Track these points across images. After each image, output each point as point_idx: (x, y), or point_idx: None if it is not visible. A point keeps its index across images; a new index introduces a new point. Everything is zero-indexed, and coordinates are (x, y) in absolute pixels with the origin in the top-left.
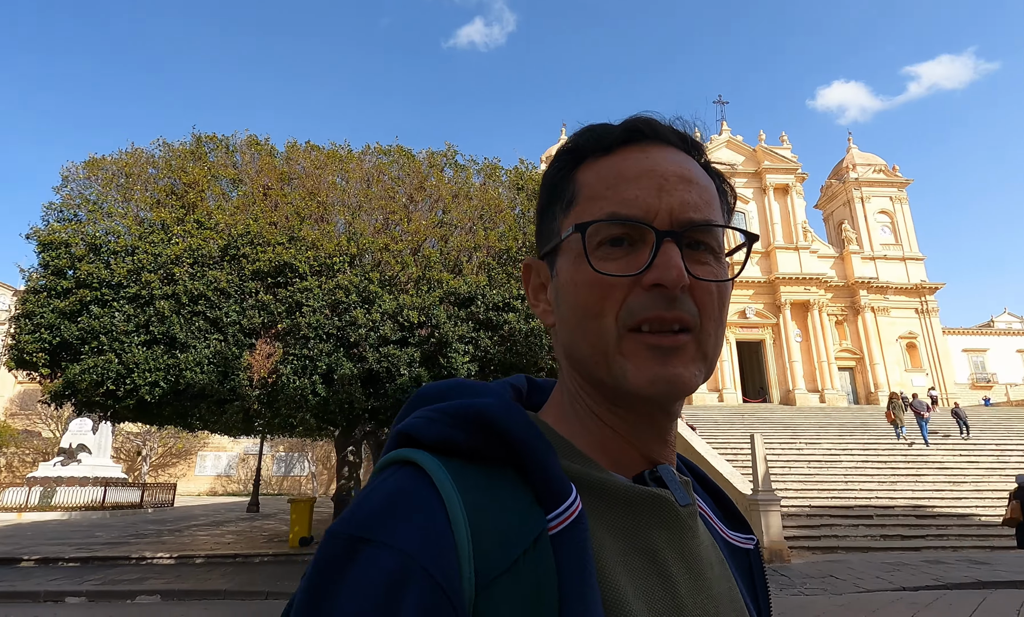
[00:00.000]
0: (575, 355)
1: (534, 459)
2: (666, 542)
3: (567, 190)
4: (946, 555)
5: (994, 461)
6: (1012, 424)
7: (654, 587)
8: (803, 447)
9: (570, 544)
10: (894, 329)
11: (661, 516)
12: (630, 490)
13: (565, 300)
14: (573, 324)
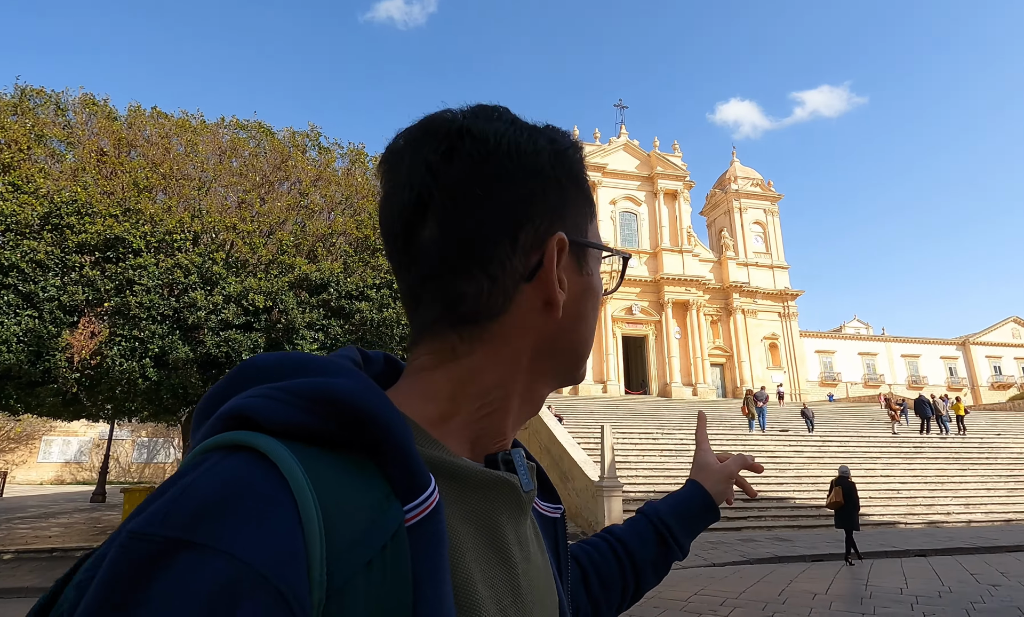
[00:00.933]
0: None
1: (398, 447)
2: (509, 525)
3: (591, 197)
4: (761, 534)
5: (816, 451)
6: (842, 419)
7: (497, 571)
8: (659, 437)
9: (427, 536)
10: (760, 330)
11: (508, 501)
12: (484, 475)
13: (588, 303)
14: (580, 324)
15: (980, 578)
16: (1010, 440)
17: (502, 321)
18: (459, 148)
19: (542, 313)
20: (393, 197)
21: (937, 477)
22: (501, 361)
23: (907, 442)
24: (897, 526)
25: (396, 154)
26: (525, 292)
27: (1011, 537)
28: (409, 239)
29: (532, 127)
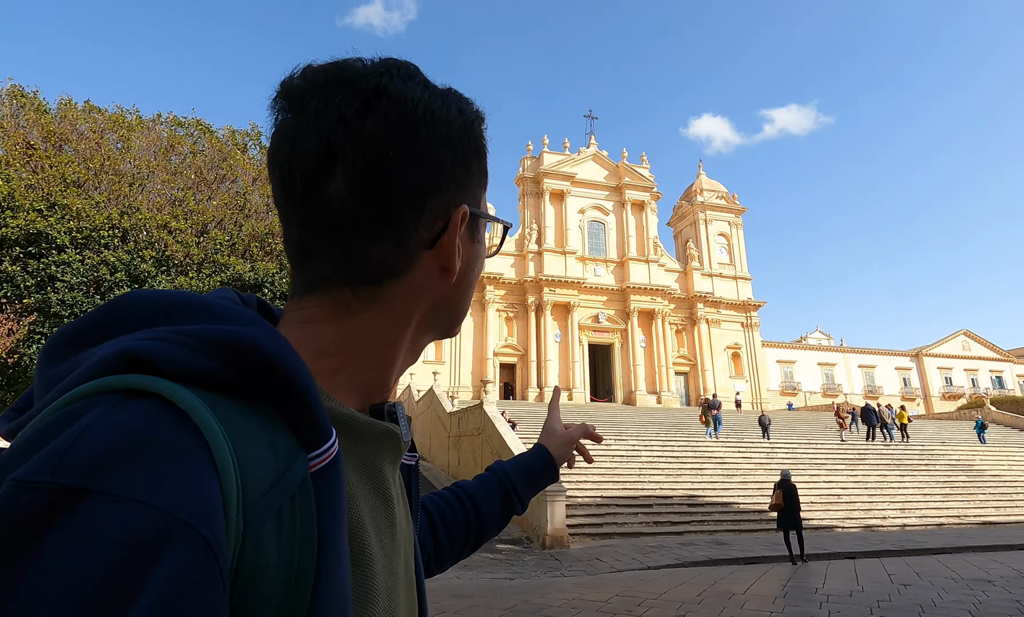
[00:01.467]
0: (454, 309)
1: (304, 398)
2: (390, 472)
3: (485, 169)
4: (701, 538)
5: (764, 458)
6: (796, 427)
7: (380, 513)
8: (611, 443)
9: (328, 484)
10: (723, 340)
11: (390, 449)
12: (372, 426)
13: (475, 267)
14: (468, 287)
15: (895, 578)
16: (951, 448)
17: (400, 283)
18: (376, 106)
19: (438, 277)
20: (294, 141)
21: (877, 483)
22: (395, 320)
23: (852, 449)
24: (835, 530)
25: (299, 94)
26: (425, 257)
27: (938, 540)
28: (310, 190)
29: (443, 92)
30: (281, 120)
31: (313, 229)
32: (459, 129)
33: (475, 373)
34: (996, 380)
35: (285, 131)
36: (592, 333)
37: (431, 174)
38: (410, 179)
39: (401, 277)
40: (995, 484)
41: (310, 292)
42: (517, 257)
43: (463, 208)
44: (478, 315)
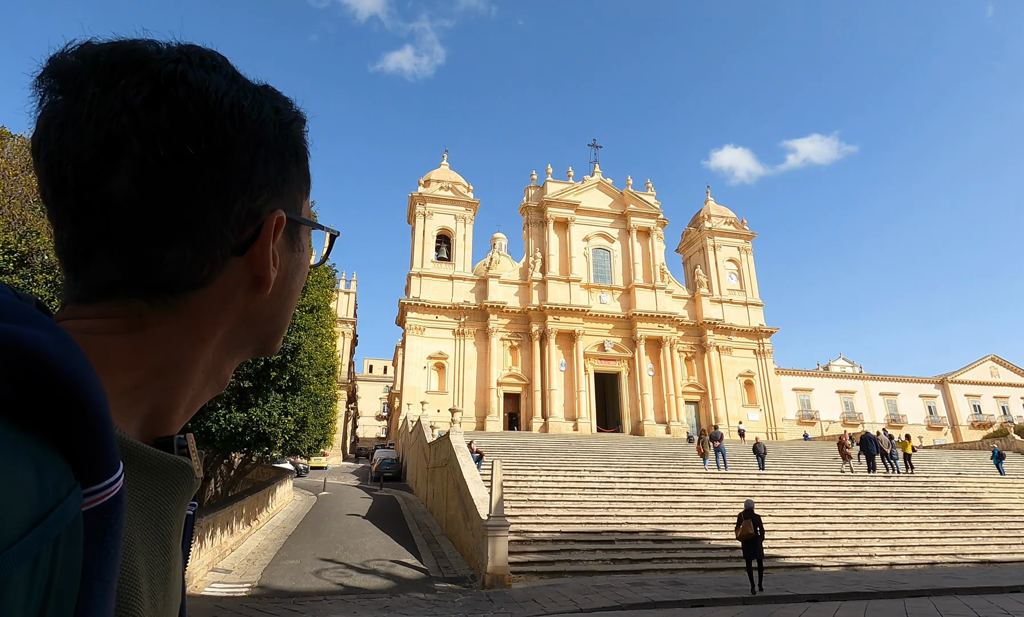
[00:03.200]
0: (270, 323)
1: (95, 423)
2: (175, 512)
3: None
4: (658, 577)
5: (748, 490)
6: (799, 457)
7: (158, 562)
8: (584, 475)
9: (104, 525)
10: (735, 367)
11: (180, 487)
12: (163, 460)
13: (295, 278)
14: (288, 300)
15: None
16: (958, 479)
17: (203, 293)
18: (170, 95)
19: (250, 288)
20: (67, 126)
21: (869, 517)
22: (195, 336)
23: (848, 481)
24: (812, 569)
25: (73, 73)
26: (233, 265)
27: (920, 581)
28: (88, 185)
29: (255, 88)
30: (50, 103)
31: (91, 229)
32: (273, 128)
33: (478, 403)
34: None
35: (54, 116)
36: (598, 361)
37: (237, 173)
38: (212, 178)
39: (204, 286)
40: (1002, 519)
41: (92, 299)
42: (521, 286)
43: (278, 213)
44: (481, 344)
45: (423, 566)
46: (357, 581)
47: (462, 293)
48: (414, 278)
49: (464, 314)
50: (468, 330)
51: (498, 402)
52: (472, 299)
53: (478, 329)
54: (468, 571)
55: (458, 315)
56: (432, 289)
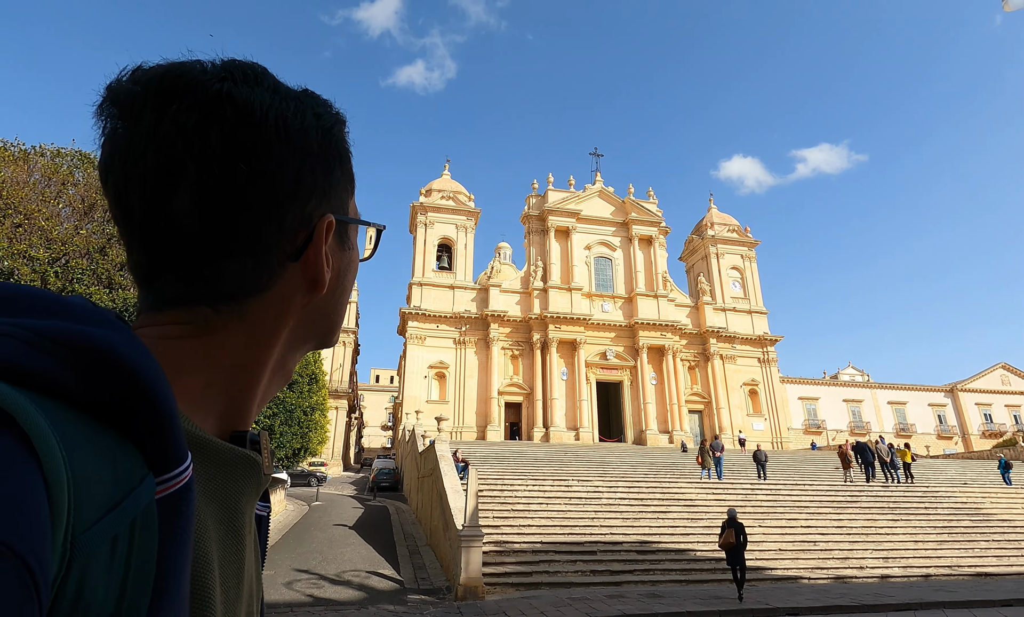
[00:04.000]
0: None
1: (162, 415)
2: (247, 506)
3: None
4: (637, 589)
5: (740, 500)
6: (800, 466)
7: (231, 552)
8: (573, 484)
9: (176, 512)
10: (739, 376)
11: (250, 481)
12: (233, 453)
13: (348, 274)
14: (342, 296)
15: None
16: (959, 489)
17: (264, 299)
18: (219, 115)
19: (307, 291)
20: (129, 155)
21: (864, 527)
22: (260, 338)
23: (845, 491)
24: (800, 581)
25: (131, 101)
26: (290, 271)
27: (909, 594)
28: (151, 211)
29: (296, 95)
30: (111, 129)
31: (159, 251)
32: (317, 135)
33: (479, 413)
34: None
35: (116, 144)
36: (600, 370)
37: (287, 184)
38: (265, 192)
39: (265, 292)
40: (1003, 530)
41: (164, 308)
42: (522, 295)
43: (328, 217)
44: (483, 353)
45: (400, 577)
46: (328, 592)
47: (463, 302)
48: (415, 287)
49: (465, 323)
50: (469, 339)
51: (499, 412)
52: (473, 308)
53: (479, 338)
54: (445, 582)
55: (459, 324)
56: (433, 298)
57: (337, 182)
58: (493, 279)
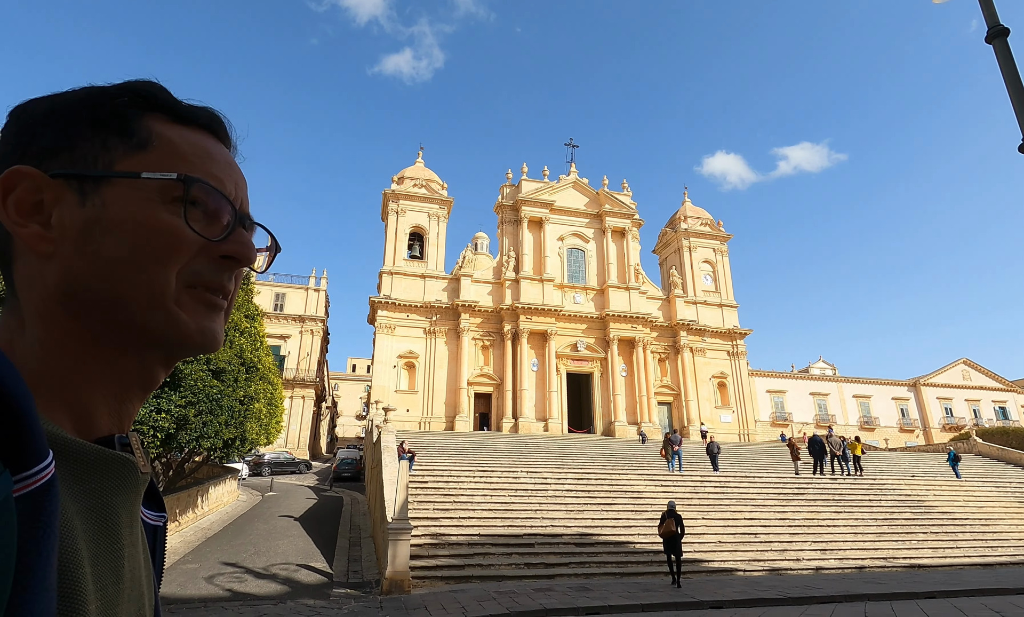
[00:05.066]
0: (111, 295)
1: (17, 410)
2: (122, 506)
3: (134, 130)
4: (569, 582)
5: (687, 492)
6: (758, 458)
7: (104, 550)
8: (521, 475)
9: (38, 507)
10: (708, 369)
11: (124, 481)
12: (99, 453)
13: (118, 238)
14: (126, 265)
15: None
16: (904, 481)
17: (16, 275)
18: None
19: (38, 259)
20: None
21: (806, 520)
22: (37, 322)
23: (793, 483)
24: (735, 573)
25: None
26: (15, 243)
27: (838, 586)
28: None
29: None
30: None
31: None
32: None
33: (448, 403)
34: (1000, 410)
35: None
36: (570, 362)
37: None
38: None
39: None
40: (942, 522)
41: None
42: (494, 285)
43: (15, 170)
44: (453, 343)
45: (330, 570)
46: (250, 587)
47: (434, 291)
48: (385, 276)
49: (436, 313)
50: (439, 329)
51: (468, 402)
52: (444, 298)
53: (450, 328)
54: (376, 575)
55: (430, 314)
56: (404, 287)
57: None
58: (465, 269)
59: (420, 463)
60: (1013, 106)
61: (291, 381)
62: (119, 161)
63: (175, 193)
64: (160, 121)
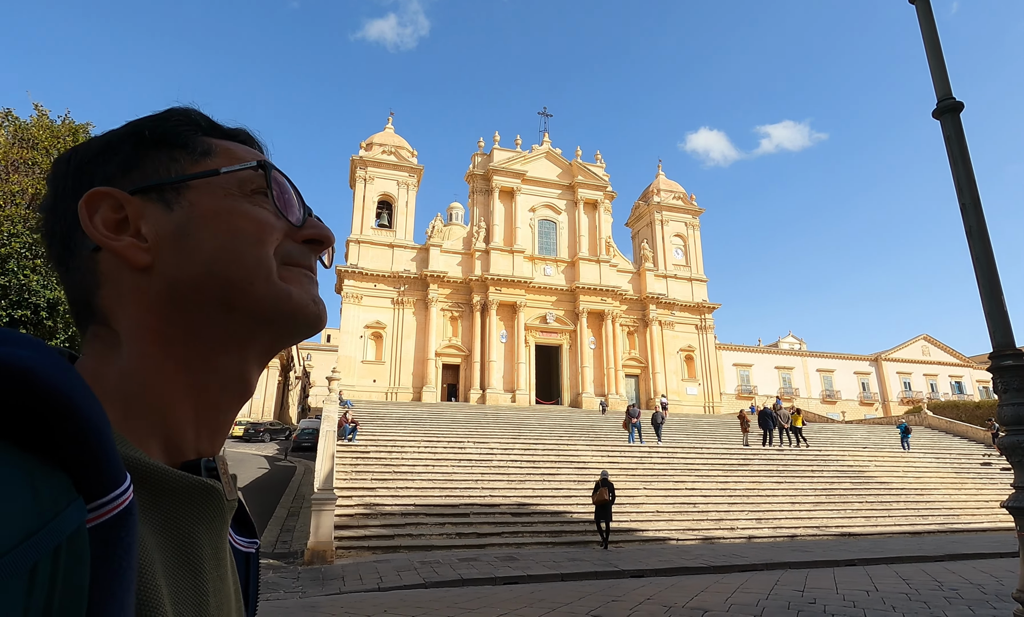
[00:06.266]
0: (219, 281)
1: (91, 433)
2: (206, 537)
3: (196, 143)
4: (498, 552)
5: (634, 462)
6: (715, 430)
7: (185, 585)
8: (466, 445)
9: (114, 539)
10: (676, 342)
11: (208, 510)
12: (182, 479)
13: (214, 229)
14: (227, 250)
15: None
16: (848, 452)
17: (104, 299)
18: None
19: (133, 274)
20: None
21: (747, 490)
22: (135, 341)
23: (739, 455)
24: (668, 542)
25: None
26: (103, 262)
27: (763, 555)
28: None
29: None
30: None
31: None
32: (121, 135)
33: (416, 374)
34: (956, 385)
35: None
36: (539, 334)
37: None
38: (67, 198)
39: (99, 290)
40: (879, 492)
41: (82, 338)
42: (464, 256)
43: (95, 191)
44: (421, 314)
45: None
46: None
47: (403, 261)
48: (352, 244)
49: (404, 283)
50: (407, 300)
51: (436, 373)
52: (413, 268)
53: (418, 299)
54: (303, 546)
55: (398, 284)
56: (371, 257)
57: (139, 158)
58: (435, 239)
59: (371, 433)
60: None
61: None
62: (189, 169)
63: (253, 185)
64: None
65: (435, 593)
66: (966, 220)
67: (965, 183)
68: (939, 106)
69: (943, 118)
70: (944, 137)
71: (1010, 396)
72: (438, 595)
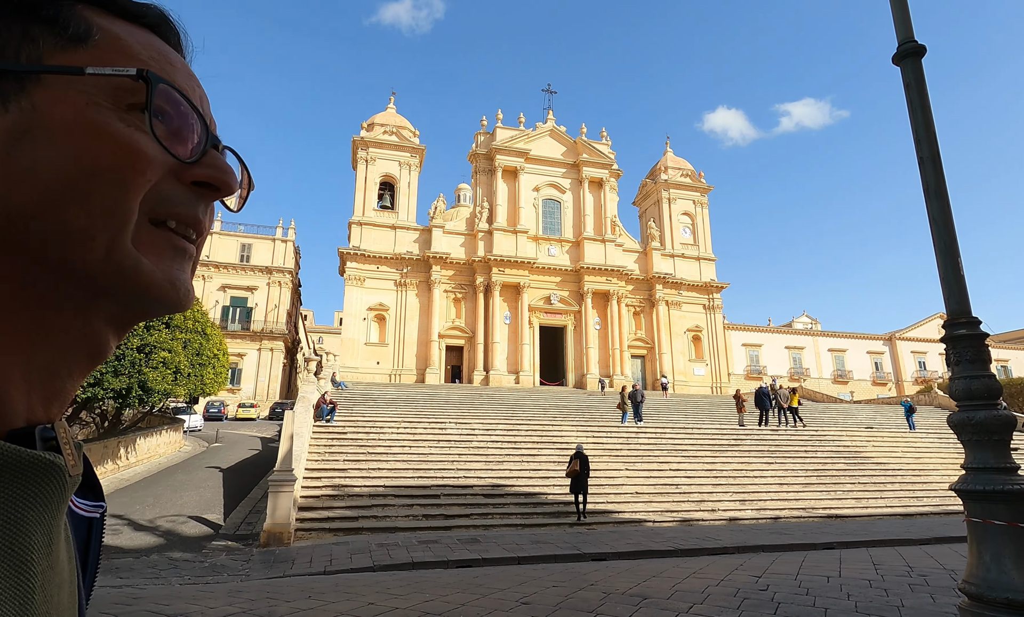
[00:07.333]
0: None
1: None
2: (37, 523)
3: (68, 19)
4: (462, 533)
5: (620, 443)
6: (715, 410)
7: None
8: (447, 425)
9: None
10: (684, 322)
11: (44, 492)
12: (13, 454)
13: (59, 151)
14: (72, 186)
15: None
16: (846, 432)
17: None
18: None
19: None
20: None
21: (734, 471)
22: None
23: (731, 435)
24: (644, 524)
25: None
26: None
27: (739, 538)
28: None
29: None
30: None
31: None
32: None
33: (420, 356)
34: None
35: None
36: (544, 315)
37: None
38: None
39: None
40: (873, 473)
41: None
42: (467, 236)
43: None
44: (424, 296)
45: (221, 523)
46: (123, 540)
47: (405, 243)
48: (355, 226)
49: (407, 264)
50: (410, 281)
51: (440, 355)
52: (415, 249)
53: (421, 280)
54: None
55: (400, 265)
56: (374, 238)
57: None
58: (437, 220)
59: (360, 414)
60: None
61: (258, 333)
62: (50, 57)
63: (132, 99)
64: (98, 13)
65: (378, 577)
66: (924, 176)
67: (924, 135)
68: (899, 50)
69: (903, 63)
70: (904, 84)
71: (962, 368)
72: (379, 578)
